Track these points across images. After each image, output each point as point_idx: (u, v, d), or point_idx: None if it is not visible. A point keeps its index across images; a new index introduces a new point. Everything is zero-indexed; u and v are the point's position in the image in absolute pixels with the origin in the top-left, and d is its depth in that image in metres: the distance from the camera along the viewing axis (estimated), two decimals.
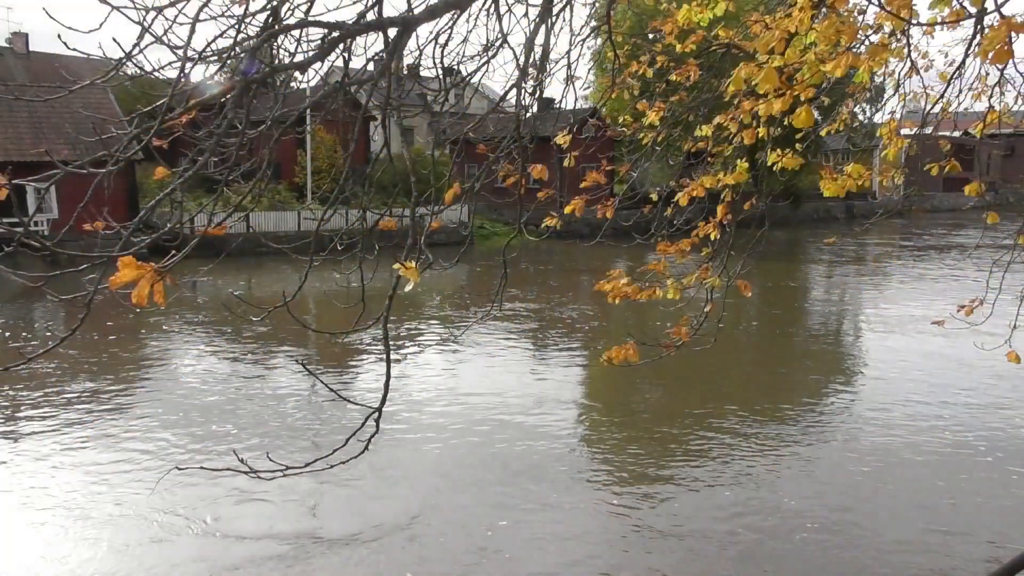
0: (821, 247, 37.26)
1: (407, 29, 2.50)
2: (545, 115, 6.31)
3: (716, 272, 5.55)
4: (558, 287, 25.55)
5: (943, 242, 40.69)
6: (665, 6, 5.56)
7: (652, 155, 5.76)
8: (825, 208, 52.76)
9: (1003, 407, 11.44)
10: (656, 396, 12.95)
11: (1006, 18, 3.16)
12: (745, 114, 4.71)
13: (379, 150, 3.29)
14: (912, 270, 30.51)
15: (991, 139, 73.52)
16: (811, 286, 28.10)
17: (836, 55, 3.89)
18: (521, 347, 16.62)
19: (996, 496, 8.64)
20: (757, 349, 16.69)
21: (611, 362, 5.28)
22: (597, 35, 6.58)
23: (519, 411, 11.76)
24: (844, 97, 7.07)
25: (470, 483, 9.22)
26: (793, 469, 9.49)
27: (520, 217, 4.66)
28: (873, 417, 11.33)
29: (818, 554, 7.46)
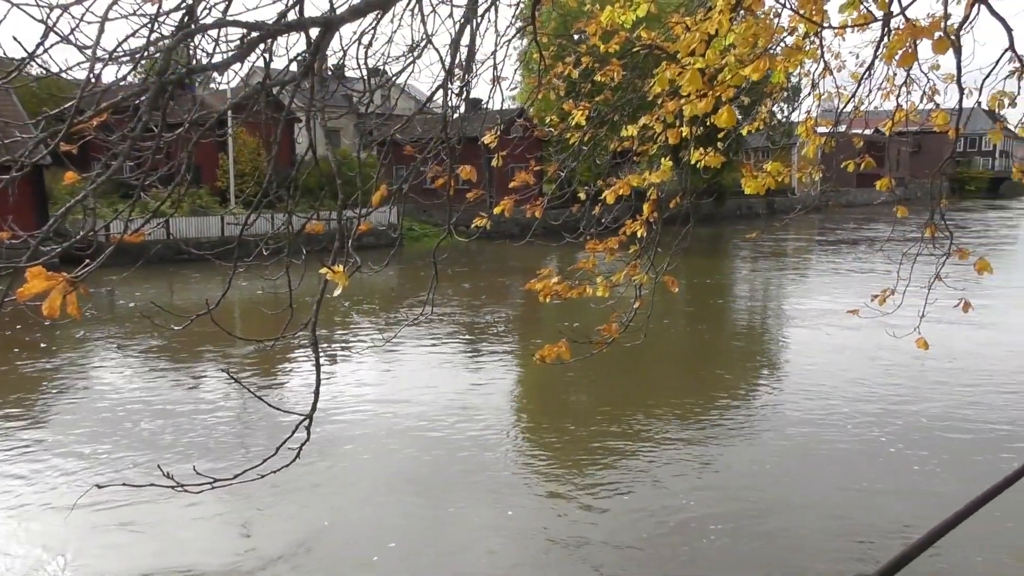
0: (743, 243, 38.29)
1: (329, 29, 2.46)
2: (473, 116, 6.31)
3: (644, 269, 5.64)
4: (489, 287, 25.59)
5: (856, 236, 42.30)
6: (589, 7, 5.63)
7: (579, 155, 5.82)
8: (747, 205, 54.27)
9: (905, 400, 11.81)
10: (587, 395, 13.05)
11: (910, 22, 3.31)
12: (669, 114, 4.79)
13: (304, 152, 3.23)
14: (828, 264, 31.66)
15: (900, 137, 76.79)
16: (734, 281, 28.84)
17: (754, 57, 4.00)
18: (453, 349, 16.56)
19: (898, 485, 8.89)
20: (684, 345, 17.00)
21: (544, 360, 5.31)
22: (523, 36, 6.61)
23: (449, 415, 11.65)
24: (763, 97, 7.27)
25: (384, 493, 8.97)
26: (709, 468, 9.53)
27: (450, 218, 4.64)
28: (788, 412, 11.53)
29: (730, 550, 7.50)
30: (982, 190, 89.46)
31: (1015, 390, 12.21)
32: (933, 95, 5.49)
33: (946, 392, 12.19)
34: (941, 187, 5.54)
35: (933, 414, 11.16)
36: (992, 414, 11.09)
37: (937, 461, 9.49)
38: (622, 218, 5.74)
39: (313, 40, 2.58)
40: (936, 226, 5.04)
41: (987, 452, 9.68)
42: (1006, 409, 11.30)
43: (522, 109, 20.92)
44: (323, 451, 9.92)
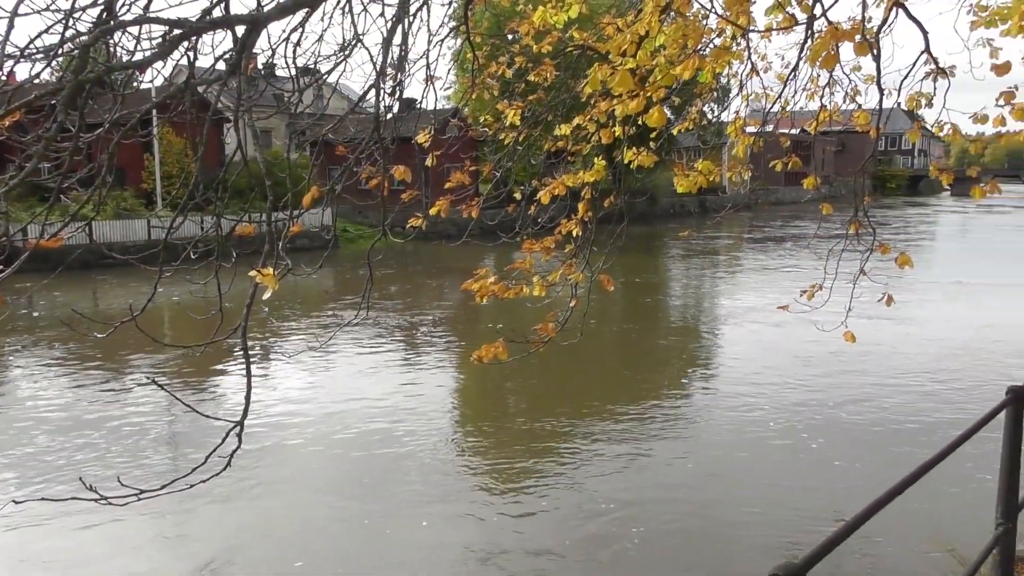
0: (676, 241, 38.96)
1: (256, 27, 2.40)
2: (407, 115, 6.23)
3: (579, 268, 5.68)
4: (426, 288, 25.45)
5: (784, 233, 43.49)
6: (522, 7, 5.64)
7: (514, 154, 5.82)
8: (680, 203, 55.21)
9: (826, 395, 12.12)
10: (522, 396, 13.08)
11: (832, 25, 3.41)
12: (601, 114, 4.83)
13: (232, 153, 3.15)
14: (758, 261, 32.45)
15: (825, 136, 79.28)
16: (668, 279, 29.34)
17: (684, 57, 4.06)
18: (389, 351, 16.42)
19: (820, 479, 9.06)
20: (618, 344, 17.18)
21: (481, 361, 5.30)
22: (456, 35, 6.58)
23: (381, 420, 11.49)
24: (693, 97, 7.40)
25: (306, 502, 8.79)
26: (632, 468, 9.55)
27: (384, 219, 4.58)
28: (715, 410, 11.72)
29: (653, 551, 7.56)
30: (902, 187, 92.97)
31: (929, 384, 12.65)
32: (855, 96, 5.66)
33: (865, 387, 12.55)
34: (864, 185, 5.72)
35: (853, 409, 11.49)
36: (908, 408, 11.45)
37: (856, 455, 9.73)
38: (558, 217, 5.77)
39: (239, 38, 2.51)
40: (860, 223, 5.21)
41: (903, 445, 9.96)
42: (921, 403, 11.71)
43: (456, 109, 20.87)
44: (254, 458, 9.72)
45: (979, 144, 7.20)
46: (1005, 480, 3.27)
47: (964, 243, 41.03)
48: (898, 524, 6.79)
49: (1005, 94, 4.90)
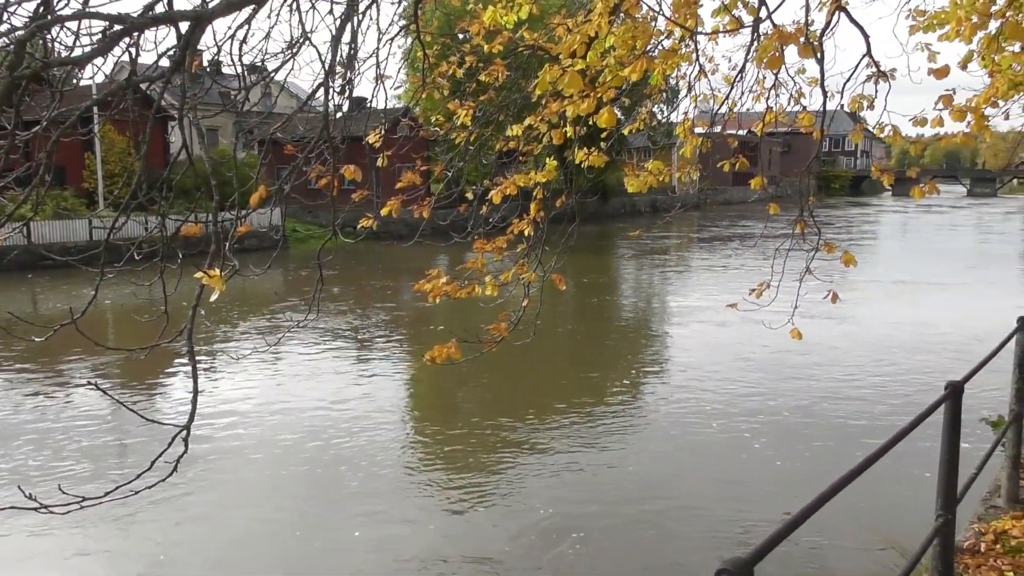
0: (627, 240, 39.32)
1: (200, 23, 2.35)
2: (356, 114, 6.15)
3: (532, 268, 5.70)
4: (378, 289, 25.26)
5: (732, 232, 44.22)
6: (472, 7, 5.62)
7: (465, 154, 5.81)
8: (631, 203, 55.76)
9: (769, 395, 12.20)
10: (472, 398, 13.05)
11: (777, 28, 3.48)
12: (552, 114, 4.85)
13: (177, 152, 3.08)
14: (707, 260, 32.95)
15: (771, 137, 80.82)
16: (619, 279, 29.61)
17: (633, 59, 4.10)
18: (341, 353, 16.26)
19: (762, 478, 9.09)
20: (569, 344, 17.22)
21: (434, 361, 5.28)
22: (406, 34, 6.54)
23: (329, 423, 11.33)
24: (643, 98, 7.47)
25: (251, 510, 8.62)
26: (573, 470, 9.46)
27: (334, 219, 4.53)
28: (659, 412, 11.72)
29: (594, 553, 7.53)
30: (846, 187, 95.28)
31: (869, 382, 12.88)
32: (800, 98, 5.77)
33: (806, 386, 12.69)
34: (809, 185, 5.84)
35: (794, 407, 11.61)
36: (849, 406, 11.59)
37: (796, 454, 9.82)
38: (509, 217, 5.78)
39: (183, 34, 2.46)
40: (805, 222, 5.31)
41: (845, 443, 10.05)
42: (862, 401, 11.87)
43: (407, 108, 20.75)
44: (200, 463, 9.53)
45: (919, 145, 7.42)
46: (944, 473, 3.37)
47: (905, 242, 42.19)
48: (843, 518, 6.94)
49: (943, 97, 5.05)
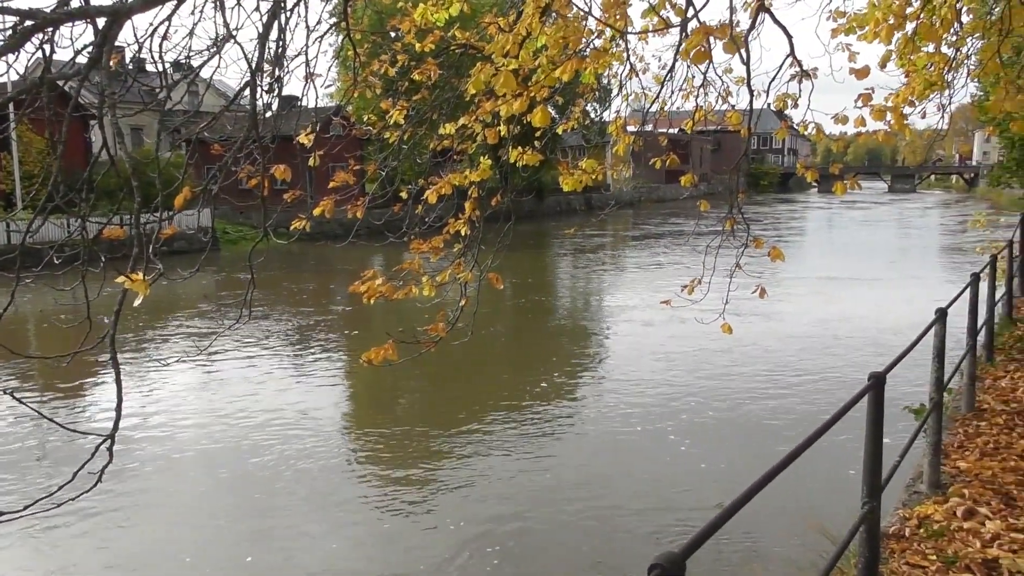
0: (563, 238, 39.61)
1: (118, 19, 2.27)
2: (286, 113, 6.00)
3: (468, 267, 5.68)
4: (313, 290, 24.88)
5: (665, 230, 44.94)
6: (403, 4, 5.58)
7: (399, 153, 5.76)
8: (567, 201, 56.16)
9: (693, 395, 12.20)
10: (411, 399, 12.96)
11: (703, 24, 3.54)
12: (486, 113, 4.84)
13: (98, 151, 2.97)
14: (640, 257, 33.39)
15: (701, 135, 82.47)
16: (556, 277, 29.81)
17: (565, 58, 4.12)
18: (275, 356, 15.95)
19: (686, 482, 9.06)
20: (505, 344, 17.15)
21: (370, 363, 5.23)
22: (337, 32, 6.44)
23: (268, 427, 11.10)
24: (576, 97, 7.53)
25: (179, 523, 8.35)
26: (489, 479, 9.34)
27: (264, 220, 4.44)
28: (586, 416, 11.62)
29: (537, 550, 7.56)
30: (774, 184, 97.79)
31: (795, 378, 13.01)
32: (727, 96, 5.89)
33: (734, 384, 12.71)
34: (738, 182, 5.97)
35: (717, 407, 11.60)
36: (769, 405, 11.62)
37: (724, 452, 9.82)
38: (445, 217, 5.76)
39: (100, 30, 2.37)
40: (735, 219, 5.43)
41: (773, 437, 10.12)
42: (788, 396, 11.99)
43: (339, 107, 20.47)
44: (125, 474, 9.25)
45: (841, 143, 7.71)
46: (869, 461, 3.48)
47: (830, 237, 43.50)
48: (774, 509, 7.12)
49: (863, 96, 5.22)
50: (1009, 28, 4.90)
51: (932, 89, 5.47)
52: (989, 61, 5.00)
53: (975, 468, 5.41)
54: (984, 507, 4.77)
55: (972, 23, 5.55)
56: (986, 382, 7.52)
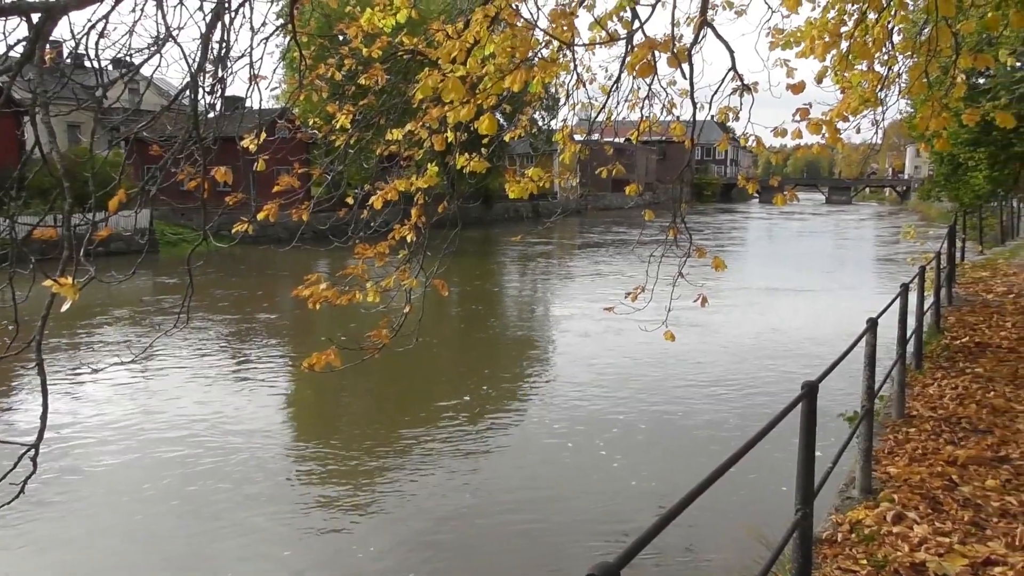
0: (510, 245, 39.69)
1: (52, 15, 2.21)
2: (230, 114, 5.88)
3: (414, 274, 5.66)
4: (255, 295, 24.45)
5: (611, 238, 45.40)
6: (350, 9, 5.54)
7: (345, 158, 5.71)
8: (514, 208, 56.37)
9: (625, 407, 12.08)
10: (355, 406, 12.79)
11: (648, 38, 3.61)
12: (433, 120, 4.84)
13: (31, 149, 2.88)
14: (586, 265, 33.64)
15: (647, 145, 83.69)
16: (502, 284, 29.85)
17: (512, 67, 4.15)
18: (215, 362, 15.62)
19: (627, 489, 9.06)
20: (449, 352, 16.98)
21: (312, 369, 5.16)
22: (283, 34, 6.36)
23: (207, 436, 10.83)
24: (524, 105, 7.57)
25: (112, 537, 8.10)
26: (449, 482, 9.33)
27: (205, 223, 4.37)
28: (512, 428, 11.50)
29: (473, 560, 7.52)
30: (717, 194, 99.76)
31: (732, 388, 12.98)
32: (672, 108, 5.99)
33: (666, 396, 12.60)
34: (682, 192, 6.07)
35: (653, 417, 11.53)
36: (705, 415, 11.61)
37: (656, 466, 9.75)
38: (391, 222, 5.72)
39: (35, 25, 2.31)
40: (678, 228, 5.52)
41: (707, 447, 10.11)
42: (717, 410, 11.89)
43: (285, 109, 20.21)
44: (54, 484, 8.94)
45: (781, 155, 7.87)
46: (802, 469, 3.57)
47: (770, 247, 44.48)
48: (712, 517, 7.22)
49: (801, 110, 5.37)
50: (936, 49, 5.10)
51: (866, 105, 5.64)
52: (917, 80, 5.19)
53: (904, 473, 5.58)
54: (912, 512, 4.93)
55: (902, 43, 5.76)
56: (915, 389, 7.77)
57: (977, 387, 7.69)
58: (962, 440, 6.25)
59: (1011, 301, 12.41)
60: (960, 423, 6.68)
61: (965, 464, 5.69)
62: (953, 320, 11.08)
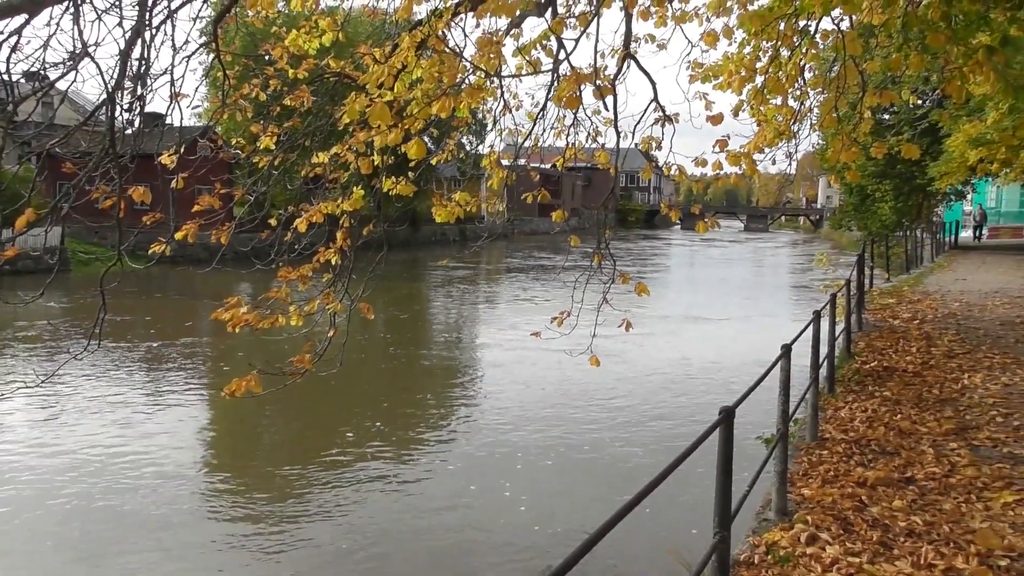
0: (437, 269, 39.54)
1: None
2: (149, 131, 5.68)
3: (339, 297, 5.59)
4: (172, 318, 23.68)
5: (536, 263, 45.73)
6: (276, 29, 5.49)
7: (269, 179, 5.63)
8: (441, 231, 56.28)
9: (550, 432, 12.07)
10: (277, 433, 12.46)
11: (575, 70, 3.69)
12: (360, 143, 4.82)
13: None
14: (511, 290, 33.74)
15: (573, 172, 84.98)
16: (428, 308, 29.68)
17: (440, 93, 4.18)
18: (130, 387, 15.01)
19: (540, 521, 8.96)
20: (374, 376, 16.64)
21: (233, 395, 5.03)
22: (207, 52, 6.24)
23: (120, 466, 10.37)
24: (451, 129, 7.60)
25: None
26: (374, 511, 9.19)
27: (120, 242, 4.23)
28: (441, 455, 11.41)
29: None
30: (641, 221, 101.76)
31: (646, 418, 12.90)
32: (597, 136, 6.13)
33: (587, 424, 12.55)
34: (606, 218, 6.17)
35: (574, 445, 11.49)
36: (627, 444, 11.49)
37: (577, 494, 9.72)
38: (316, 244, 5.65)
39: None
40: (602, 254, 5.62)
41: (623, 481, 9.91)
42: (639, 436, 11.86)
43: (207, 128, 19.77)
44: None
45: (701, 184, 8.11)
46: (720, 493, 3.66)
47: (691, 274, 45.50)
48: (637, 540, 7.29)
49: (719, 141, 5.58)
50: (845, 86, 5.37)
51: (780, 138, 5.89)
52: (827, 115, 5.44)
53: (817, 495, 5.77)
54: (825, 533, 5.09)
55: (813, 79, 6.05)
56: (828, 412, 8.06)
57: (885, 410, 8.02)
58: (871, 462, 6.50)
59: (915, 327, 13.01)
60: (870, 445, 6.94)
61: (874, 485, 5.91)
62: (863, 345, 11.54)
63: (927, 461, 6.43)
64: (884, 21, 5.36)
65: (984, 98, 10.31)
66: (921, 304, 15.84)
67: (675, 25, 5.84)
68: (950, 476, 6.09)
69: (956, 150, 18.44)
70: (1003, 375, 9.34)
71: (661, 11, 5.82)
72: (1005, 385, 8.88)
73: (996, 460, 6.41)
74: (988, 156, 17.32)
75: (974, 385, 8.91)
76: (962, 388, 8.83)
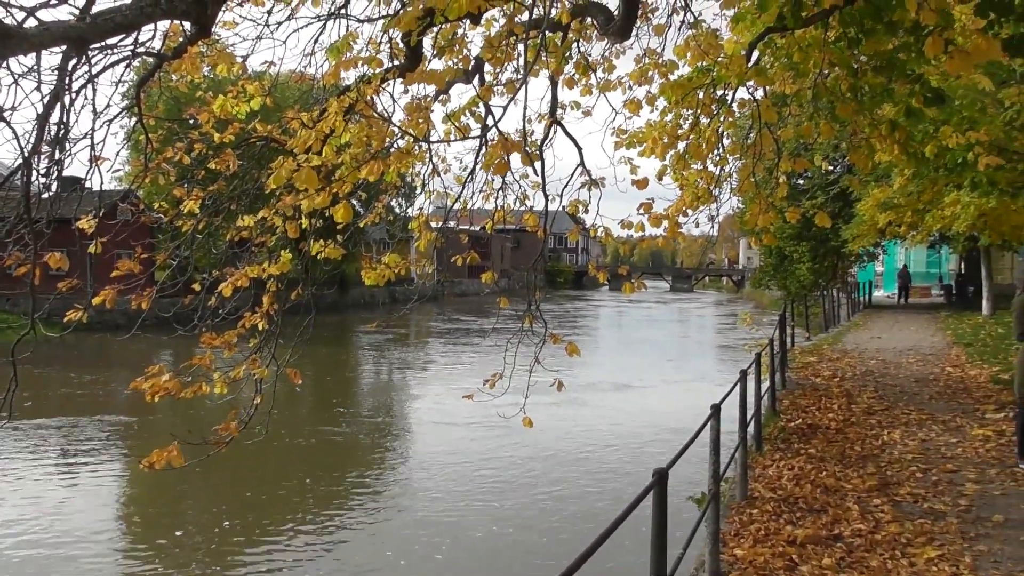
0: (367, 332, 39.01)
1: None
2: (67, 195, 5.52)
3: (265, 363, 5.45)
4: (89, 388, 22.63)
5: (466, 325, 45.57)
6: (201, 94, 5.45)
7: (192, 243, 5.51)
8: (370, 294, 55.76)
9: (482, 500, 11.91)
10: (201, 507, 11.91)
11: (502, 136, 3.76)
12: (287, 207, 4.78)
13: None
14: (442, 352, 33.47)
15: (502, 234, 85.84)
16: (356, 371, 29.19)
17: (368, 157, 4.19)
18: (40, 463, 14.20)
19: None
20: (303, 441, 16.11)
21: (152, 467, 4.81)
22: (129, 115, 6.14)
23: (29, 546, 9.80)
24: (380, 192, 7.61)
25: None
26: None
27: (33, 310, 4.07)
28: (377, 525, 11.19)
29: None
30: (570, 282, 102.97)
31: (579, 484, 12.75)
32: (524, 199, 6.22)
33: (520, 491, 12.38)
34: (536, 280, 6.23)
35: (507, 514, 11.31)
36: (558, 511, 11.37)
37: (513, 560, 9.62)
38: (242, 308, 5.52)
39: None
40: (533, 316, 5.65)
41: (555, 550, 9.68)
42: (578, 500, 11.82)
43: (128, 191, 19.39)
44: None
45: (627, 246, 8.31)
46: (655, 554, 3.65)
47: (619, 335, 45.94)
48: None
49: (644, 204, 5.73)
50: (761, 152, 5.61)
51: (701, 201, 6.09)
52: (745, 180, 5.66)
53: (749, 555, 5.80)
54: None
55: (731, 146, 6.30)
56: (757, 471, 8.16)
57: (811, 467, 8.17)
58: (800, 520, 6.58)
59: (836, 384, 13.41)
60: (798, 503, 7.04)
61: (804, 543, 5.97)
62: (787, 403, 11.81)
63: (853, 518, 6.55)
64: (796, 91, 5.65)
65: (890, 164, 10.91)
66: (840, 362, 16.35)
67: (599, 93, 6.05)
68: (875, 532, 6.21)
69: (866, 213, 19.38)
70: (919, 431, 9.66)
71: (586, 80, 6.02)
72: (922, 441, 9.17)
73: (918, 516, 6.57)
74: (896, 219, 18.26)
75: (893, 441, 9.19)
76: (882, 444, 9.08)
